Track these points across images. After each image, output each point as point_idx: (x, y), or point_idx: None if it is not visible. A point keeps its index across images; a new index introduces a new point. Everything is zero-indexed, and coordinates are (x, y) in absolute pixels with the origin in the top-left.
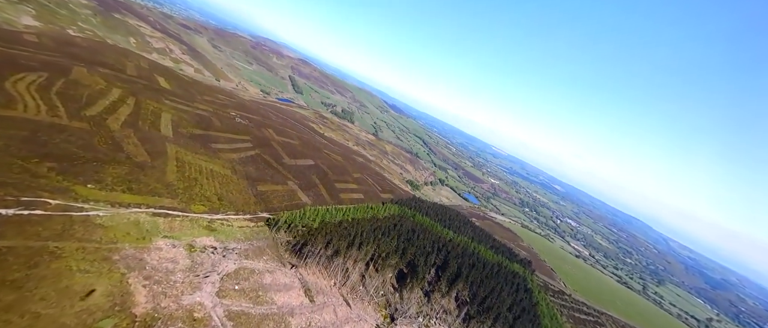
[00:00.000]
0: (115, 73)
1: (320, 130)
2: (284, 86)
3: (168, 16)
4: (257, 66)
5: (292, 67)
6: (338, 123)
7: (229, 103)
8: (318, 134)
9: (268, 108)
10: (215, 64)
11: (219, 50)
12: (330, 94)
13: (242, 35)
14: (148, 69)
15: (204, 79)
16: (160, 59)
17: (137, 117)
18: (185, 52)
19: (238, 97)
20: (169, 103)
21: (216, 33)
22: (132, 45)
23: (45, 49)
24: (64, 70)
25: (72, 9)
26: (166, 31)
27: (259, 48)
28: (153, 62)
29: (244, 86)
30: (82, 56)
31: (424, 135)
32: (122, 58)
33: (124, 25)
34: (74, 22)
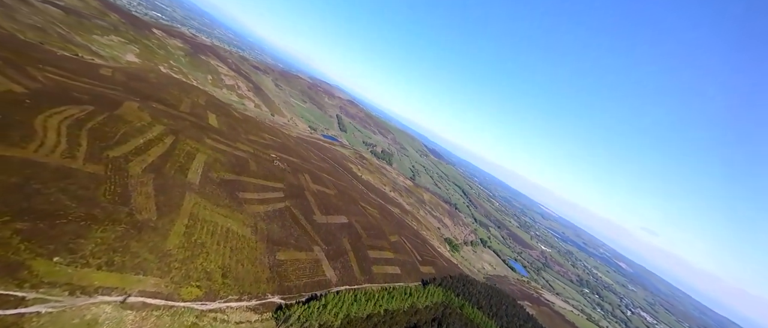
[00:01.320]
0: (167, 109)
1: (358, 172)
2: (331, 124)
3: (244, 58)
4: (310, 104)
5: (340, 107)
6: (377, 165)
7: (271, 144)
8: (355, 177)
9: (311, 146)
10: (273, 101)
11: (279, 88)
12: (372, 134)
13: (302, 77)
14: (204, 106)
15: (260, 115)
16: (227, 94)
17: (167, 159)
18: (250, 89)
19: (283, 136)
20: (209, 142)
21: (280, 74)
22: (208, 81)
23: (110, 82)
24: (113, 105)
25: (169, 50)
26: (239, 71)
27: (313, 88)
28: (211, 98)
29: (295, 122)
30: (143, 91)
31: (464, 184)
32: (182, 94)
33: (207, 65)
34: (167, 60)
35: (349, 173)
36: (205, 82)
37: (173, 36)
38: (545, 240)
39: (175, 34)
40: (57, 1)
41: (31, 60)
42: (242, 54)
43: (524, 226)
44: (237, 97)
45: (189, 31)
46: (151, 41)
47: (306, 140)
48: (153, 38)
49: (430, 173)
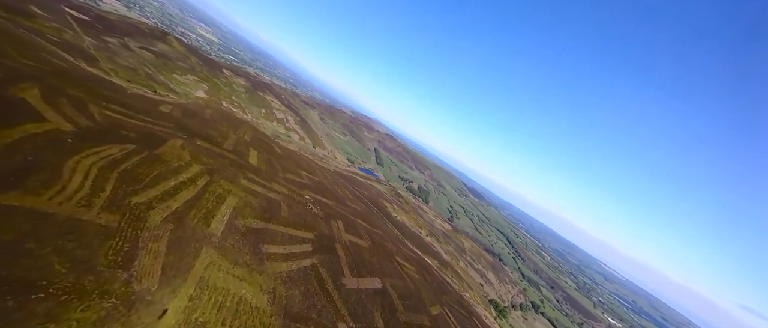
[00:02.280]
0: (210, 147)
1: (393, 212)
2: (368, 157)
3: (295, 94)
4: (350, 137)
5: (378, 141)
6: (413, 205)
7: (308, 183)
8: (390, 219)
9: (347, 181)
10: (316, 134)
11: (324, 122)
12: (408, 169)
13: (345, 111)
14: (248, 142)
15: (302, 147)
16: (276, 127)
17: (194, 204)
18: (297, 122)
19: (320, 172)
20: (244, 182)
21: (326, 108)
22: (261, 115)
23: (165, 119)
24: (157, 143)
25: (233, 87)
26: (289, 106)
27: (355, 122)
28: (257, 134)
29: (334, 154)
30: (192, 128)
31: (509, 231)
32: (230, 129)
33: (262, 100)
34: (229, 96)
35: (383, 213)
36: (259, 116)
37: (239, 75)
38: (612, 310)
39: (241, 74)
40: (151, 47)
41: (99, 97)
42: (295, 90)
43: (584, 288)
44: (284, 129)
45: (254, 71)
46: (219, 80)
47: (343, 175)
48: (222, 77)
49: (469, 215)
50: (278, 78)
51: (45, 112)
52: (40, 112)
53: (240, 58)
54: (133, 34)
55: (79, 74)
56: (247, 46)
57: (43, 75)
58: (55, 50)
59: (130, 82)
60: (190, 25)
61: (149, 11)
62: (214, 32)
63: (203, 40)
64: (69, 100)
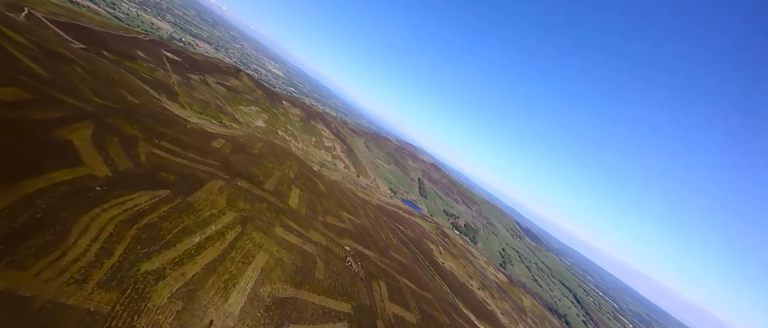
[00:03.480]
0: (250, 188)
1: (440, 257)
2: (412, 188)
3: (344, 122)
4: (394, 166)
5: (423, 170)
6: (461, 248)
7: (349, 229)
8: (437, 268)
9: (390, 218)
10: (361, 162)
11: (369, 150)
12: (454, 203)
13: (391, 139)
14: (291, 179)
15: (347, 176)
16: (324, 155)
17: (215, 268)
18: (343, 151)
19: (363, 213)
20: (279, 232)
21: (372, 137)
22: (312, 143)
23: (212, 155)
24: (194, 186)
25: (289, 117)
26: (338, 134)
27: (399, 151)
28: (303, 169)
29: (377, 183)
30: (237, 166)
31: (575, 285)
32: (276, 165)
33: (313, 129)
34: (285, 126)
35: (428, 259)
36: (309, 144)
37: (296, 105)
38: None
39: (297, 104)
40: (225, 82)
41: (154, 134)
42: (344, 119)
43: None
44: (331, 157)
45: (310, 101)
46: (278, 110)
47: (386, 210)
48: (280, 108)
49: (525, 261)
50: (330, 107)
51: (85, 156)
52: (80, 155)
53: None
54: (212, 72)
55: (147, 111)
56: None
57: (106, 114)
58: (142, 87)
59: (200, 114)
60: (262, 63)
61: (232, 52)
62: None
63: (271, 74)
64: (121, 139)
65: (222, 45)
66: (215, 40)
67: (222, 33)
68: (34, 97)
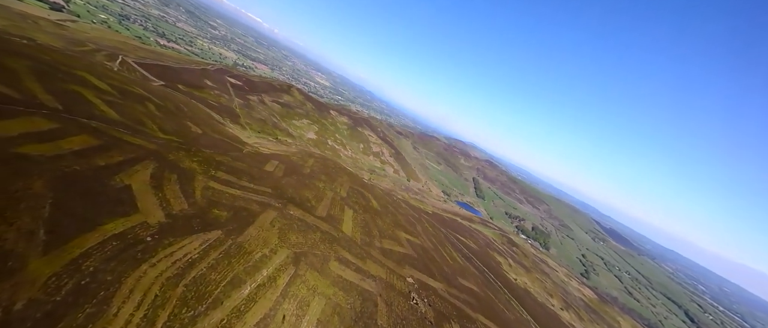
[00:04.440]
0: (302, 216)
1: (510, 272)
2: (466, 189)
3: (390, 125)
4: (445, 166)
5: (477, 169)
6: (533, 257)
7: (409, 254)
8: (510, 288)
9: (449, 228)
10: (410, 165)
11: (417, 151)
12: (517, 203)
13: (438, 138)
14: (343, 199)
15: (397, 181)
16: (372, 161)
17: (267, 326)
18: (392, 155)
19: (421, 232)
20: (334, 267)
21: (419, 137)
22: (359, 150)
23: (265, 182)
24: (246, 222)
25: (337, 126)
26: (385, 138)
27: (449, 150)
28: (354, 184)
29: (430, 187)
30: (289, 191)
31: (685, 299)
32: (327, 185)
33: (361, 135)
34: (334, 135)
35: (498, 277)
36: (357, 151)
37: (342, 114)
38: None
39: (344, 113)
40: (279, 99)
41: (211, 165)
42: (389, 121)
43: None
44: (380, 163)
45: (354, 107)
46: (327, 120)
47: (443, 219)
48: (329, 118)
49: (613, 269)
50: (375, 110)
51: (141, 200)
52: (136, 200)
53: (345, 96)
54: (268, 91)
55: (208, 140)
56: (351, 85)
57: (168, 149)
58: (208, 113)
59: (259, 133)
60: (310, 76)
61: (285, 70)
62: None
63: (319, 85)
64: (179, 175)
65: (276, 64)
66: (270, 61)
67: (275, 53)
68: (100, 143)
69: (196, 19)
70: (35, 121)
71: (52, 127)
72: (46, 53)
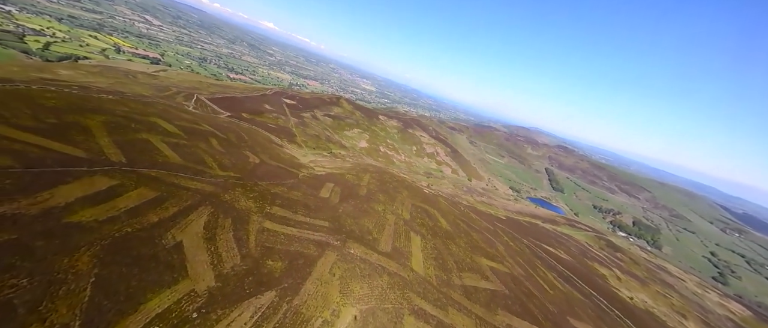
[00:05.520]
0: (364, 254)
1: (620, 286)
2: (538, 182)
3: (441, 122)
4: (509, 158)
5: (549, 158)
6: (645, 264)
7: (497, 290)
8: (628, 310)
9: (530, 234)
10: (469, 162)
11: (474, 145)
12: (607, 193)
13: (496, 127)
14: (407, 222)
15: (457, 182)
16: (427, 163)
17: None
18: (447, 154)
19: (504, 255)
20: (411, 324)
21: (474, 130)
22: (412, 152)
23: (322, 213)
24: (302, 273)
25: (387, 131)
26: (438, 137)
27: (511, 139)
28: (416, 200)
29: (494, 184)
30: (348, 222)
31: None
32: (387, 207)
33: (412, 137)
34: (385, 140)
35: (615, 303)
36: (410, 154)
37: (391, 117)
38: None
39: (392, 116)
40: (330, 112)
41: (266, 200)
42: (440, 118)
43: None
44: (436, 164)
45: (402, 108)
46: (377, 126)
47: (520, 226)
48: (378, 124)
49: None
50: (423, 108)
51: (191, 261)
52: (185, 261)
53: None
54: (319, 106)
55: (264, 170)
56: (396, 86)
57: (225, 188)
58: (267, 137)
59: (314, 149)
60: (356, 84)
61: (333, 82)
62: (371, 83)
63: (365, 91)
64: (233, 219)
65: (325, 78)
66: (319, 76)
67: (323, 67)
68: (157, 195)
69: (257, 50)
70: (95, 181)
71: (111, 184)
72: (126, 104)
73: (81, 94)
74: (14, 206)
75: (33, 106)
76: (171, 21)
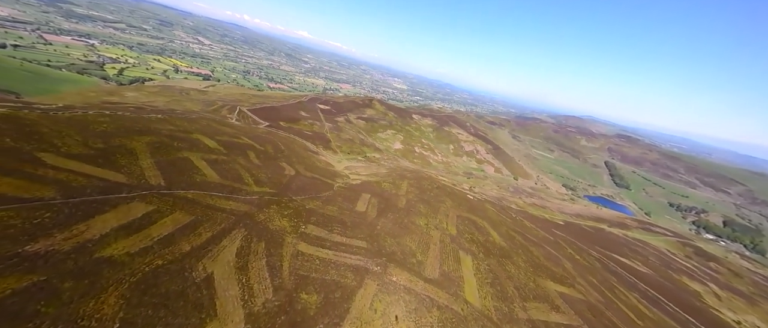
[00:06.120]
0: (409, 282)
1: (721, 309)
2: (597, 178)
3: (479, 116)
4: (560, 152)
5: (609, 149)
6: (749, 275)
7: (573, 325)
8: None
9: (598, 248)
10: (513, 158)
11: (518, 140)
12: (686, 188)
13: (542, 119)
14: (454, 238)
15: (502, 181)
16: (467, 162)
17: None
18: (489, 151)
19: (576, 277)
20: None
21: (516, 123)
22: (450, 151)
23: (357, 229)
24: (340, 309)
25: (422, 130)
26: (476, 133)
27: (561, 131)
28: (461, 210)
29: (544, 182)
30: (386, 241)
31: None
32: (431, 222)
33: (449, 135)
34: (420, 140)
35: (709, 323)
36: (448, 153)
37: (425, 116)
38: None
39: (426, 114)
40: (362, 115)
41: (300, 217)
42: (477, 113)
43: None
44: (476, 163)
45: (436, 105)
46: (411, 126)
47: (583, 230)
48: (412, 123)
49: None
50: (457, 103)
51: (221, 297)
52: (215, 296)
53: (424, 95)
54: (352, 109)
55: (300, 182)
56: (428, 83)
57: (260, 206)
58: (303, 145)
59: (348, 154)
60: (388, 83)
61: (365, 83)
62: (403, 81)
63: (396, 90)
64: (267, 242)
65: (357, 80)
66: (352, 79)
67: (355, 70)
68: (191, 219)
69: (293, 58)
70: (132, 208)
71: (147, 210)
72: (173, 123)
73: (133, 116)
74: (49, 242)
75: (85, 132)
76: (219, 39)
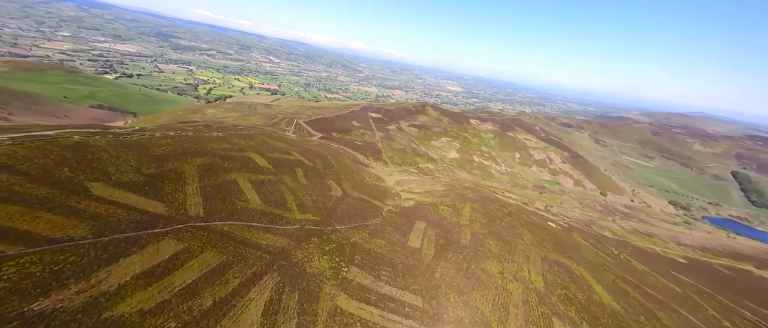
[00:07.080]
0: None
1: None
2: (721, 193)
3: (551, 118)
4: (662, 160)
5: (736, 155)
6: None
7: None
8: None
9: (742, 305)
10: (597, 168)
11: (602, 145)
12: None
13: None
14: (543, 296)
15: (584, 197)
16: (538, 173)
17: None
18: (565, 160)
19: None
20: None
21: (599, 124)
22: (516, 161)
23: (410, 274)
24: None
25: (481, 137)
26: (548, 139)
27: (663, 133)
28: (546, 250)
29: (644, 199)
30: (450, 295)
31: None
32: (506, 262)
33: (514, 142)
34: (479, 148)
35: None
36: (513, 163)
37: (484, 121)
38: None
39: (486, 119)
40: (415, 122)
41: (344, 255)
42: (548, 115)
43: None
44: (549, 174)
45: (496, 107)
46: (468, 132)
47: (714, 270)
48: (470, 129)
49: None
50: (520, 103)
51: None
52: None
53: (481, 97)
54: (404, 116)
55: (345, 206)
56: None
57: (299, 240)
58: (354, 157)
59: (399, 166)
60: (442, 87)
61: (417, 88)
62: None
63: (451, 93)
64: (300, 293)
65: (409, 86)
66: (404, 84)
67: (407, 75)
68: (221, 260)
69: (348, 69)
70: (162, 247)
71: (177, 250)
72: (229, 141)
73: (194, 135)
74: (60, 297)
75: (142, 157)
76: (285, 57)
